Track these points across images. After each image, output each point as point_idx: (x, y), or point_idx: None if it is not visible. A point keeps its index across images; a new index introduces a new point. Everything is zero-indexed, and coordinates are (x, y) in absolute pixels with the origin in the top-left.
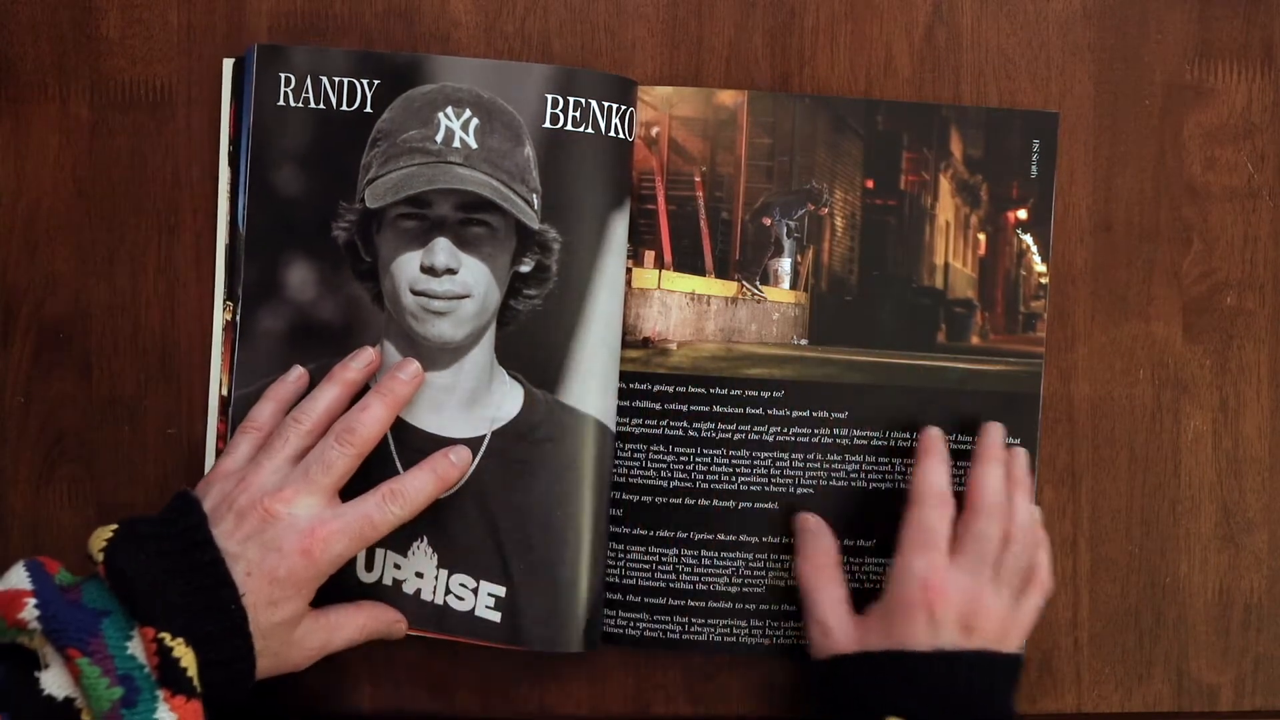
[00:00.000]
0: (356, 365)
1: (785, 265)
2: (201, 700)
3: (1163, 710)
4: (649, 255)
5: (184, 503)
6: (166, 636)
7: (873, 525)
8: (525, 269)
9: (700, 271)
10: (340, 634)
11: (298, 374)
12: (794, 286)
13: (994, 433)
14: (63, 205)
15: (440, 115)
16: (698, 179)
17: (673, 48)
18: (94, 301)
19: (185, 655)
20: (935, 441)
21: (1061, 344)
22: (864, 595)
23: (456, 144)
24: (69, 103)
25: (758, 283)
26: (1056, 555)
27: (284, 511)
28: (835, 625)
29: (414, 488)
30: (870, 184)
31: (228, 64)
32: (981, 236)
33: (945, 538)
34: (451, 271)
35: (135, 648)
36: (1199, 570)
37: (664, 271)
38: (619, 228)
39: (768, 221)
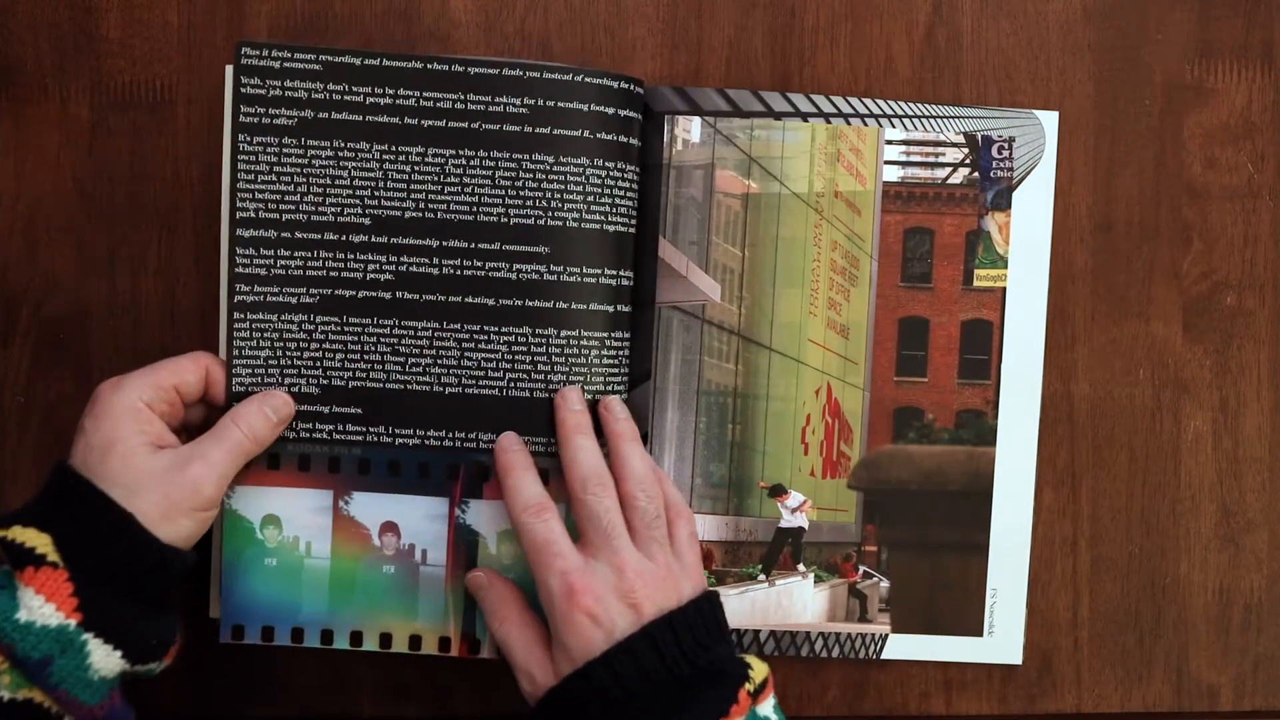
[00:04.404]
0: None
1: None
2: (67, 570)
3: (1163, 710)
4: None
5: None
6: (2, 531)
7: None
8: None
9: None
10: (216, 443)
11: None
12: None
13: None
14: (63, 205)
15: None
16: None
17: (673, 48)
18: (94, 301)
19: (29, 536)
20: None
21: (1062, 344)
22: None
23: None
24: (69, 103)
25: None
26: (1056, 555)
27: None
28: (535, 668)
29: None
30: None
31: (229, 70)
32: None
33: (562, 536)
34: None
35: None
36: (1199, 570)
37: None
38: None
39: None
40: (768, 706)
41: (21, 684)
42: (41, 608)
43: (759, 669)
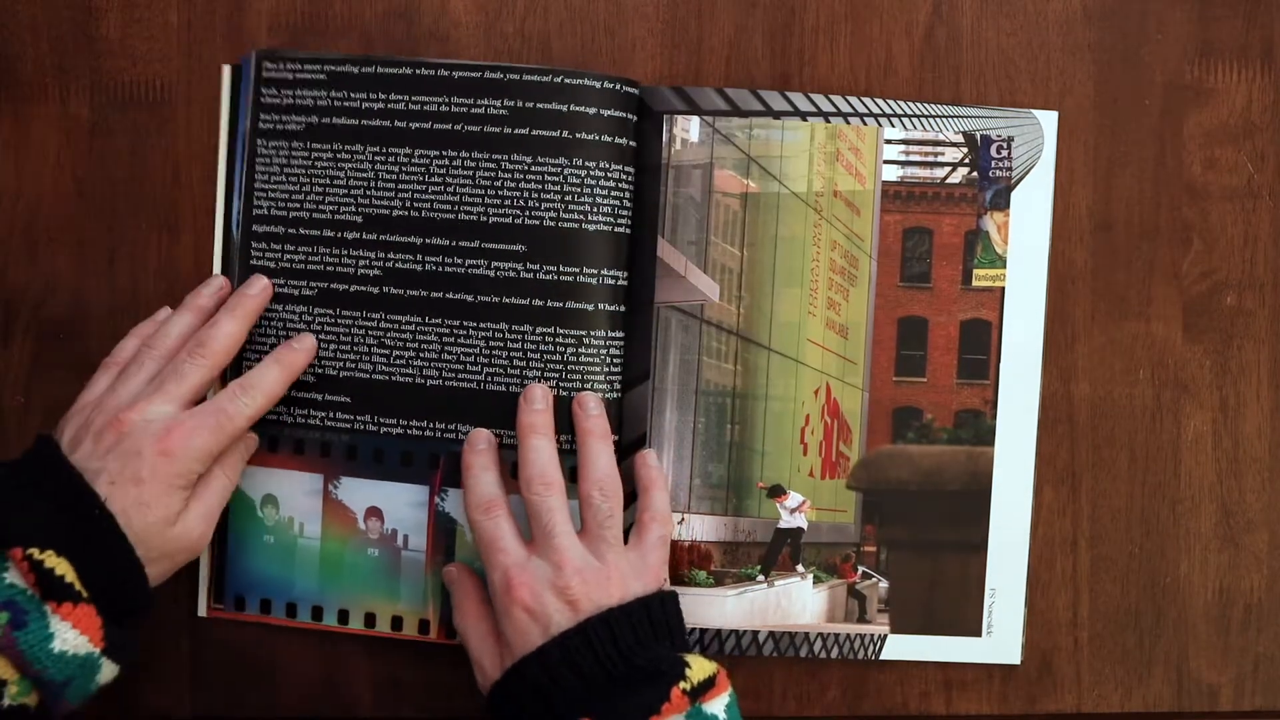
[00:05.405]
0: (208, 292)
1: None
2: (94, 605)
3: (1163, 710)
4: None
5: (40, 440)
6: (35, 551)
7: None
8: None
9: None
10: (211, 493)
11: (165, 314)
12: None
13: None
14: (63, 205)
15: None
16: None
17: (673, 48)
18: (94, 301)
19: (59, 564)
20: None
21: (1061, 344)
22: None
23: None
24: (69, 103)
25: None
26: (1056, 555)
27: (137, 419)
28: (486, 660)
29: (263, 379)
30: None
31: (226, 70)
32: None
33: (508, 533)
34: None
35: (13, 575)
36: (1199, 570)
37: None
38: None
39: None
40: (717, 705)
41: (25, 693)
42: (75, 640)
43: (700, 668)
